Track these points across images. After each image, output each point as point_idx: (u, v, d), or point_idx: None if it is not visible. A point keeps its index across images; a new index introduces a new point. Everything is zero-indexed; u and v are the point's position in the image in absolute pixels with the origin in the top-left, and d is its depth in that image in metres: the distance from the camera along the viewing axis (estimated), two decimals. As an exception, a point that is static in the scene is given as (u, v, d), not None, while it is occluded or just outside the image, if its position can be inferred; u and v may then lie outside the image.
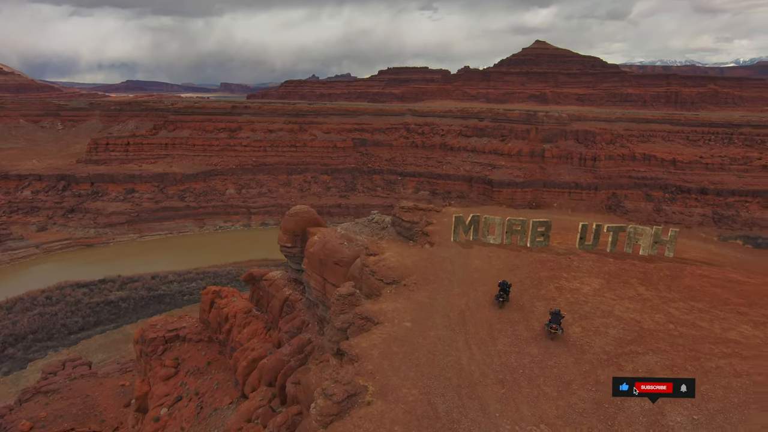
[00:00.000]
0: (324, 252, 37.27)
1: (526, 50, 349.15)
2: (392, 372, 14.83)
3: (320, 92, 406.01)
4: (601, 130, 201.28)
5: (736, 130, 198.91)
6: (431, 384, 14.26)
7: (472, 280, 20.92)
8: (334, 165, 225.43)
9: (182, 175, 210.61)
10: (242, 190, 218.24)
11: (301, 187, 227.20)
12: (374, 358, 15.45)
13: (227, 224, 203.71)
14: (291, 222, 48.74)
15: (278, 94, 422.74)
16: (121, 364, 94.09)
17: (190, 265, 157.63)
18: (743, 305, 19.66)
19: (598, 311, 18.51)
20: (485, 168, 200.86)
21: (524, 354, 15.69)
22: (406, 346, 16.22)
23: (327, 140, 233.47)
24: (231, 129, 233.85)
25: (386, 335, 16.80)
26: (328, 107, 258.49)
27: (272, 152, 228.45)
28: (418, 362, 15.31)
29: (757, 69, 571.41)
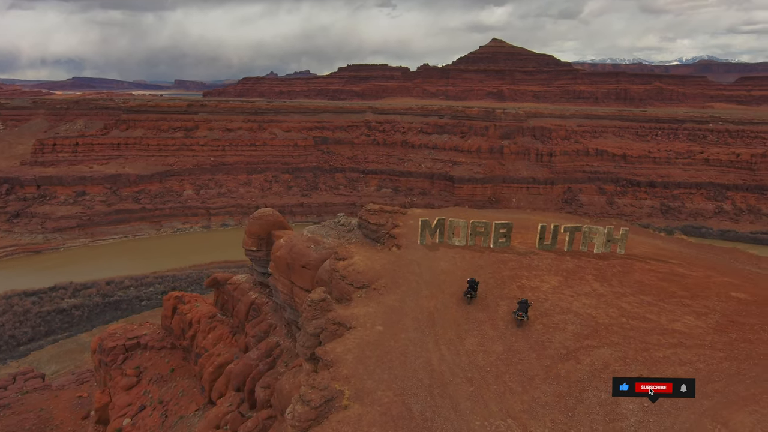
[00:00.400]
0: (291, 256, 37.36)
1: (484, 48, 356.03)
2: (367, 375, 15.37)
3: (279, 89, 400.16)
4: (556, 126, 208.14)
5: (680, 125, 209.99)
6: (405, 385, 14.90)
7: (439, 282, 21.72)
8: (296, 164, 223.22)
9: (136, 176, 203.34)
10: (201, 191, 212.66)
11: (262, 186, 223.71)
12: (349, 363, 15.95)
13: (186, 226, 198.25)
14: (256, 225, 48.45)
15: (236, 91, 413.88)
16: (77, 375, 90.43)
17: (148, 269, 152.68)
18: (687, 297, 21.32)
19: (558, 308, 19.67)
20: (446, 165, 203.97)
21: (490, 352, 16.58)
22: (379, 350, 16.80)
23: (287, 139, 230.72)
24: (187, 128, 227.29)
25: (359, 340, 17.32)
26: (288, 105, 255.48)
27: (231, 151, 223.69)
28: (392, 365, 15.92)
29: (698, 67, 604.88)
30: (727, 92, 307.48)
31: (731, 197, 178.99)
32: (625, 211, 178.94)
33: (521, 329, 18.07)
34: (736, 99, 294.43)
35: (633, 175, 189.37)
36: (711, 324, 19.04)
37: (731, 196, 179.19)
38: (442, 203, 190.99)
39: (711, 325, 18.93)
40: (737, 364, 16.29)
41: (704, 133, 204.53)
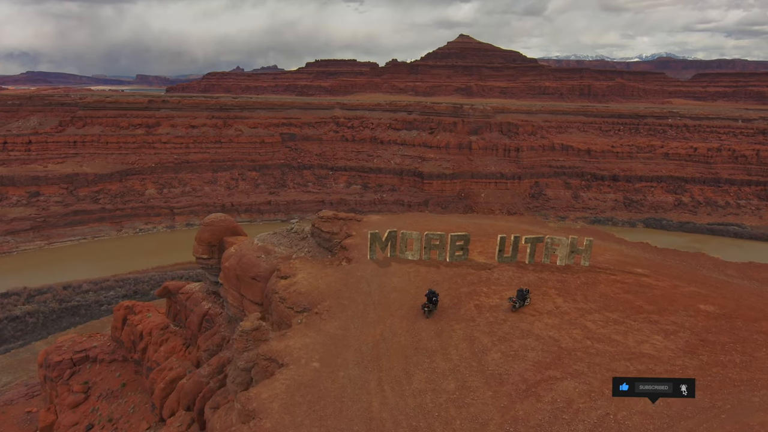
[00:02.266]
0: (240, 266, 34.68)
1: (451, 44, 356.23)
2: (293, 430, 13.17)
3: (246, 85, 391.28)
4: (523, 122, 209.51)
5: (641, 120, 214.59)
6: (337, 442, 12.80)
7: (390, 302, 19.65)
8: (263, 161, 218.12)
9: (95, 175, 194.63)
10: (164, 190, 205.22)
11: (228, 184, 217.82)
12: (274, 413, 13.71)
13: (148, 226, 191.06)
14: (206, 232, 45.42)
15: (200, 87, 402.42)
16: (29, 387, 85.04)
17: (108, 272, 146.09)
18: (654, 312, 19.88)
19: (517, 331, 17.89)
20: (415, 161, 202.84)
21: (440, 391, 14.61)
22: (311, 394, 14.60)
23: (254, 135, 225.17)
24: (148, 125, 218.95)
25: (290, 381, 15.08)
26: (254, 101, 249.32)
27: (195, 149, 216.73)
28: (324, 413, 13.77)
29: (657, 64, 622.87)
30: (684, 88, 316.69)
31: (689, 190, 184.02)
32: (590, 205, 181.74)
33: (476, 361, 16.15)
34: (693, 95, 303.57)
35: (597, 169, 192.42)
36: (680, 344, 17.59)
37: (689, 189, 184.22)
38: (412, 199, 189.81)
39: (680, 346, 17.47)
40: (710, 395, 14.79)
41: (664, 128, 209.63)
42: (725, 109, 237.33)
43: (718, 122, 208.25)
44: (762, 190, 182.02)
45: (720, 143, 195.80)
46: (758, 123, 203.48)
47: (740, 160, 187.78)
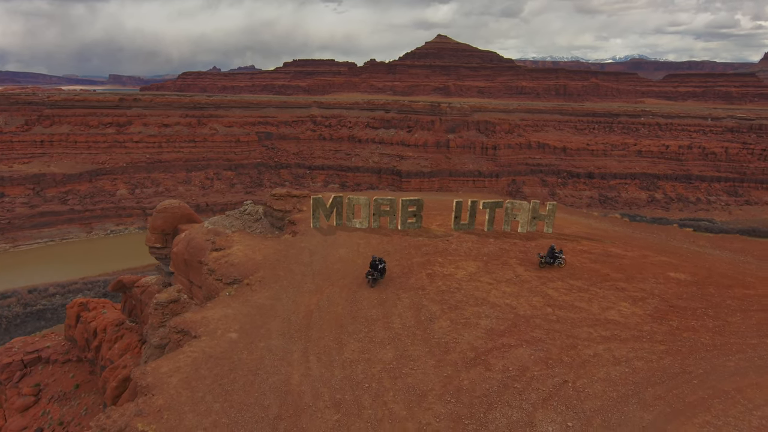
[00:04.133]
0: (188, 251, 32.13)
1: (429, 44, 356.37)
2: (191, 406, 11.05)
3: (222, 85, 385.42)
4: (500, 120, 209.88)
5: (615, 119, 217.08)
6: (240, 419, 10.69)
7: (331, 273, 17.61)
8: (238, 160, 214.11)
9: (63, 175, 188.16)
10: (135, 190, 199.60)
11: (202, 184, 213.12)
12: (171, 388, 11.56)
13: (120, 227, 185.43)
14: (159, 219, 42.65)
15: (175, 86, 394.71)
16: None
17: (77, 274, 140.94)
18: (622, 280, 18.30)
19: (471, 299, 16.03)
20: (393, 159, 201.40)
21: (375, 361, 12.63)
22: (221, 366, 12.48)
23: (229, 134, 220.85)
24: (119, 123, 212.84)
25: (199, 353, 12.95)
26: (230, 99, 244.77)
27: (168, 148, 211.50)
28: (232, 387, 11.66)
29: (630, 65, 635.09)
30: (656, 88, 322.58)
31: (662, 186, 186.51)
32: (566, 202, 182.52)
33: (421, 330, 14.21)
34: (665, 95, 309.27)
35: (573, 167, 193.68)
36: (649, 310, 15.98)
37: (662, 186, 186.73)
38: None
39: (649, 312, 15.86)
40: (681, 360, 13.15)
41: (637, 127, 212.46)
42: (695, 108, 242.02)
43: (689, 121, 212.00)
44: (731, 186, 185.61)
45: (691, 141, 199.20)
46: (726, 121, 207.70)
47: (710, 157, 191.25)
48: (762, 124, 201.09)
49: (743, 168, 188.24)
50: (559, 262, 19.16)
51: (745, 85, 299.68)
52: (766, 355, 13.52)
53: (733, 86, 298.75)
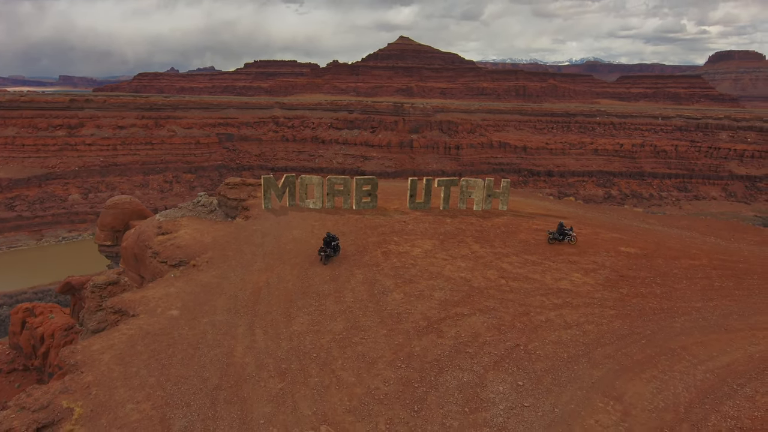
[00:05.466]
0: (138, 244, 30.70)
1: (392, 45, 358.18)
2: (123, 381, 10.33)
3: (180, 86, 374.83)
4: (462, 120, 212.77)
5: (572, 119, 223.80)
6: (176, 391, 10.06)
7: (283, 253, 17.05)
8: (198, 162, 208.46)
9: (9, 180, 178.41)
10: (89, 195, 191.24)
11: (161, 188, 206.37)
12: (102, 365, 10.78)
13: (72, 234, 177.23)
14: (109, 216, 40.83)
15: (131, 87, 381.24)
16: None
17: (26, 284, 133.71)
18: (575, 254, 18.52)
19: (426, 273, 15.82)
20: (357, 160, 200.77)
21: (325, 332, 12.21)
22: (159, 342, 11.77)
23: (188, 136, 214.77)
24: (71, 126, 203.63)
25: (135, 330, 12.17)
26: (188, 100, 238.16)
27: (124, 150, 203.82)
28: (170, 362, 10.99)
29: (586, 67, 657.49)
30: (610, 89, 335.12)
31: (617, 183, 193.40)
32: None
33: (374, 303, 13.87)
34: (618, 96, 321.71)
35: (533, 165, 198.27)
36: (600, 280, 16.19)
37: (617, 183, 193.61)
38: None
39: (600, 282, 16.07)
40: (630, 322, 13.32)
41: (593, 126, 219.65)
42: (647, 108, 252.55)
43: (641, 120, 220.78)
44: (680, 182, 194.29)
45: (643, 139, 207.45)
46: (675, 121, 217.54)
47: (661, 154, 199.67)
48: (708, 123, 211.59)
49: (691, 165, 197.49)
50: (569, 239, 19.20)
51: (692, 87, 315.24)
52: (710, 317, 13.87)
53: (681, 88, 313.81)
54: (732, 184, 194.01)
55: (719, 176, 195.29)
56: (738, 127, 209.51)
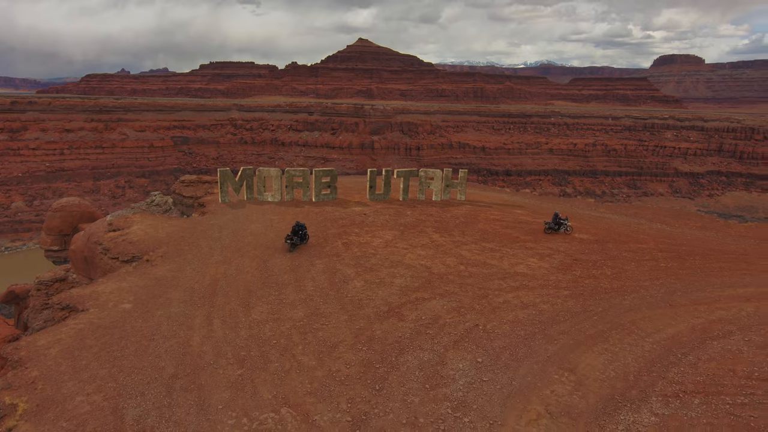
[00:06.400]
0: (88, 246, 29.37)
1: (351, 47, 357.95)
2: (71, 375, 9.88)
3: (132, 88, 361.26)
4: (422, 121, 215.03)
5: (528, 120, 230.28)
6: (130, 382, 9.72)
7: (242, 246, 16.74)
8: (152, 166, 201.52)
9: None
10: (34, 202, 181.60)
11: (113, 193, 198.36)
12: (49, 360, 10.28)
13: (16, 244, 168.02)
14: (56, 219, 38.89)
15: (78, 89, 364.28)
16: None
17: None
18: (531, 241, 19.07)
19: (387, 262, 15.91)
20: (318, 162, 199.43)
21: (285, 320, 12.07)
22: (110, 335, 11.33)
23: (142, 139, 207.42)
24: (13, 129, 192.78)
25: (85, 324, 11.67)
26: (140, 102, 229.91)
27: (72, 155, 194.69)
28: (122, 354, 10.59)
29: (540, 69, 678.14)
30: (563, 91, 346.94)
31: (572, 182, 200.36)
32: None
33: (335, 290, 13.83)
34: (571, 97, 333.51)
35: (491, 165, 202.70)
36: (555, 264, 16.74)
37: (572, 181, 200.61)
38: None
39: (555, 265, 16.61)
40: (583, 301, 13.83)
41: (548, 126, 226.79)
42: (597, 109, 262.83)
43: (593, 121, 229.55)
44: (630, 179, 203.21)
45: (595, 139, 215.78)
46: (624, 121, 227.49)
47: (612, 153, 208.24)
48: (654, 123, 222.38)
49: (640, 163, 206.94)
50: (564, 228, 19.70)
51: (639, 89, 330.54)
52: (656, 294, 14.59)
53: (629, 89, 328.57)
54: (677, 180, 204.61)
55: (665, 173, 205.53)
56: (681, 126, 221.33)
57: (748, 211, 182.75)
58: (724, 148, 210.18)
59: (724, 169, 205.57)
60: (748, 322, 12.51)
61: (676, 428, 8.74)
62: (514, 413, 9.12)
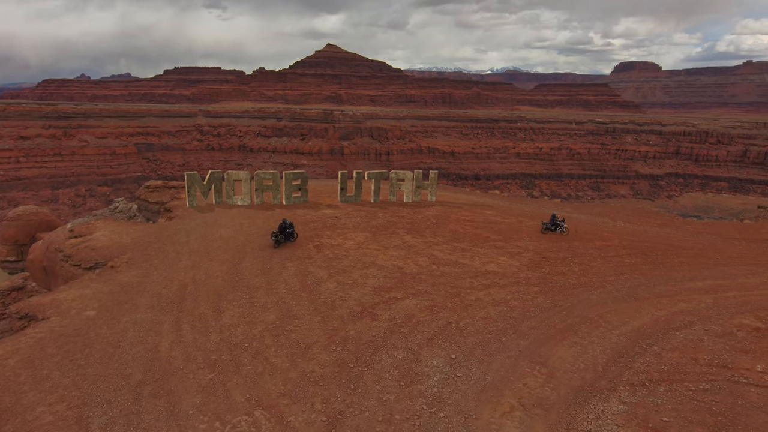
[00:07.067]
0: (47, 255, 28.23)
1: (320, 53, 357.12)
2: (32, 385, 9.47)
3: (93, 93, 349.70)
4: (391, 127, 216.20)
5: (495, 125, 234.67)
6: (95, 390, 9.38)
7: (211, 250, 16.43)
8: (115, 174, 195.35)
9: None
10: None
11: (73, 202, 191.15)
12: (7, 370, 9.81)
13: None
14: (12, 228, 37.18)
15: (35, 95, 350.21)
16: None
17: None
18: (501, 240, 19.38)
19: (359, 263, 15.89)
20: (288, 167, 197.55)
21: (256, 323, 11.89)
22: (74, 343, 10.92)
23: (103, 146, 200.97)
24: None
25: (46, 333, 11.21)
26: (102, 108, 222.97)
27: (29, 163, 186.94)
28: (86, 362, 10.22)
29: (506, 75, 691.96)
30: (529, 97, 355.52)
31: (538, 185, 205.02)
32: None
33: (307, 292, 13.72)
34: (536, 103, 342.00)
35: (460, 169, 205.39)
36: (525, 262, 17.07)
37: (539, 184, 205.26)
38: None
39: (525, 263, 16.94)
40: (552, 297, 14.15)
41: (514, 131, 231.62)
42: (562, 114, 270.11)
43: (557, 125, 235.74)
44: (594, 182, 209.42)
45: (560, 143, 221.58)
46: (587, 125, 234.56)
47: (576, 157, 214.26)
48: (615, 127, 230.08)
49: (603, 166, 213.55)
50: (561, 229, 20.08)
51: (601, 94, 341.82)
52: (622, 288, 15.06)
53: (591, 95, 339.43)
54: (638, 182, 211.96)
55: (627, 176, 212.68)
56: (641, 131, 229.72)
57: (704, 211, 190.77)
58: (681, 151, 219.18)
59: (681, 171, 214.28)
60: (708, 313, 13.05)
61: (643, 415, 9.01)
62: (488, 407, 9.23)
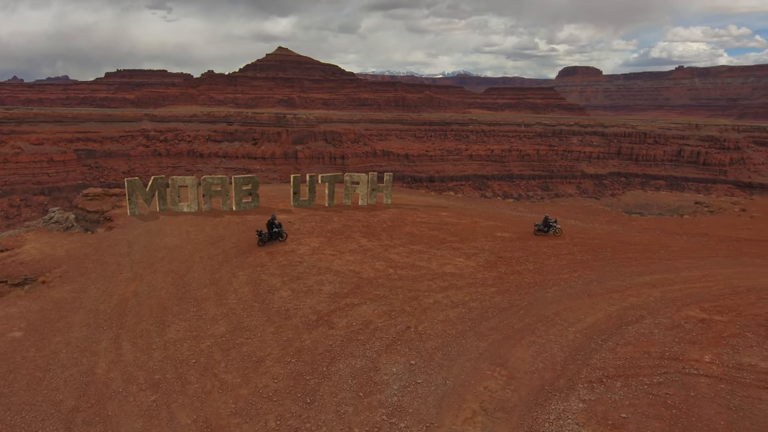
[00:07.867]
0: (-28, 273, 25.84)
1: (271, 56, 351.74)
2: (-59, 421, 8.42)
3: (27, 97, 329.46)
4: (345, 130, 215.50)
5: (448, 127, 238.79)
6: (19, 421, 8.45)
7: (155, 261, 15.45)
8: (53, 183, 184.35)
9: None
10: None
11: (6, 213, 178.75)
12: None
13: None
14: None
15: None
16: None
17: None
18: (457, 242, 19.37)
19: (314, 269, 15.38)
20: (240, 173, 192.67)
21: (204, 337, 11.19)
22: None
23: (39, 153, 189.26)
24: None
25: (-40, 360, 10.07)
26: (36, 113, 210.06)
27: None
28: (10, 390, 9.22)
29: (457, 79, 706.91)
30: (480, 100, 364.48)
31: (491, 186, 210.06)
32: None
33: (259, 302, 13.08)
34: (487, 106, 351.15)
35: (415, 172, 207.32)
36: (481, 262, 17.08)
37: (491, 185, 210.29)
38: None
39: (481, 264, 16.94)
40: (509, 297, 14.15)
41: (467, 134, 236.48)
42: (511, 117, 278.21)
43: (507, 128, 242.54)
44: (543, 182, 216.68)
45: (510, 145, 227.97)
46: (536, 127, 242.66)
47: (526, 158, 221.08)
48: (561, 129, 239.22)
49: (551, 166, 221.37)
50: (554, 230, 20.06)
51: (548, 98, 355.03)
52: (576, 285, 15.30)
53: (539, 99, 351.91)
54: (584, 182, 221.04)
55: (573, 176, 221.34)
56: (585, 132, 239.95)
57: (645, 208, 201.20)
58: (622, 152, 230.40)
59: (623, 171, 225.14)
60: (656, 306, 13.43)
61: (602, 413, 9.04)
62: (450, 413, 8.99)
